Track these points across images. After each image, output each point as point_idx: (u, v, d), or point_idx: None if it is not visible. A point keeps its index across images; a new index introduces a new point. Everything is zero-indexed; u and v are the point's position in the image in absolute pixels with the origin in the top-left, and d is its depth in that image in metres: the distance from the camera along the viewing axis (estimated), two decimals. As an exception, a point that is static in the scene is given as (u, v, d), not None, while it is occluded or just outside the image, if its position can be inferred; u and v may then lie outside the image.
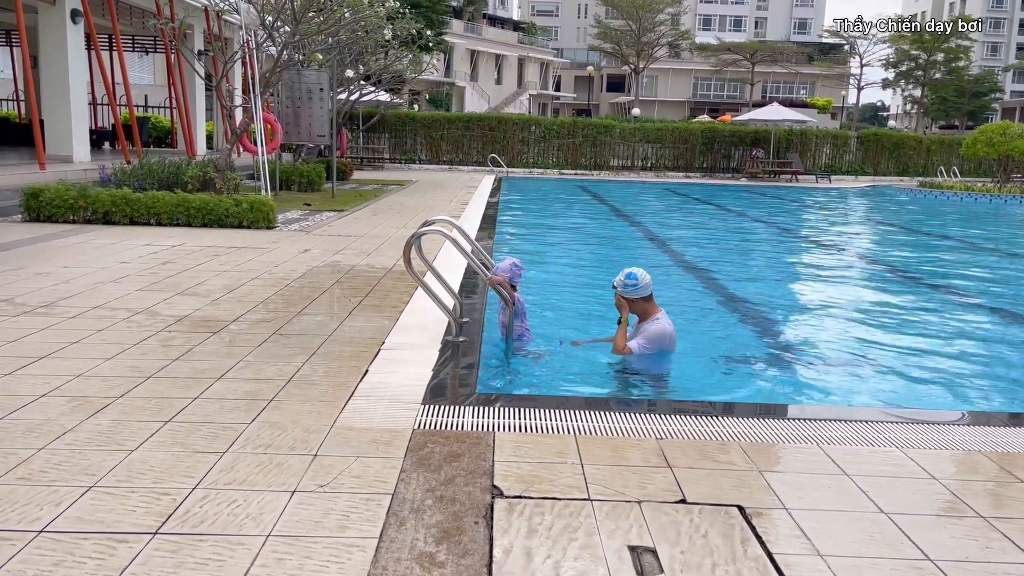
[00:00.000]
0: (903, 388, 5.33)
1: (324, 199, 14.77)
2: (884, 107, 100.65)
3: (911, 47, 59.42)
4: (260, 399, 3.83)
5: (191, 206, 10.14)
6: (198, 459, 3.12)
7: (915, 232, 16.18)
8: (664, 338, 5.18)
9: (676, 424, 3.73)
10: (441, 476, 3.06)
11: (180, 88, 19.07)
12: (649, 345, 5.13)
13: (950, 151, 33.91)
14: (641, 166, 31.50)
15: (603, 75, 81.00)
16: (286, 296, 6.25)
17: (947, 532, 2.79)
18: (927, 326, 7.25)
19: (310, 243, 9.21)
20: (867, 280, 9.98)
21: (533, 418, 3.72)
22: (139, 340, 4.79)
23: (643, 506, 2.88)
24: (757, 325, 7.03)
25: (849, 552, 2.61)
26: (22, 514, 2.64)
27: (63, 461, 3.06)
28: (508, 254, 10.21)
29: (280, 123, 15.33)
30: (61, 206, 10.00)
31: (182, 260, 7.67)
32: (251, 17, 14.06)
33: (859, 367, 5.80)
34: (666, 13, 63.88)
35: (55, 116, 15.49)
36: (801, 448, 3.51)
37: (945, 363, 5.99)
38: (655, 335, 5.14)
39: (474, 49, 64.02)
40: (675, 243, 12.43)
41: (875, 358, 6.05)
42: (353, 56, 18.17)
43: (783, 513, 2.87)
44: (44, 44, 15.46)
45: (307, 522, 2.66)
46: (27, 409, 3.58)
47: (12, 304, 5.61)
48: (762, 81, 72.03)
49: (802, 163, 31.32)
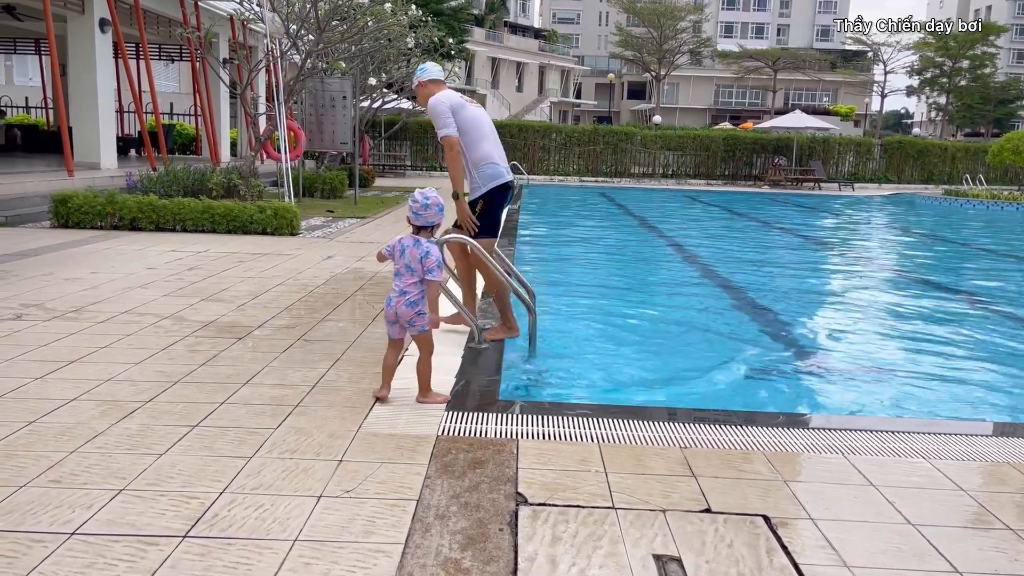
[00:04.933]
0: (929, 398, 5.28)
1: (347, 206, 14.87)
2: (908, 114, 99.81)
3: (936, 54, 58.88)
4: (285, 404, 3.86)
5: (216, 213, 10.25)
6: (225, 463, 3.15)
7: (941, 240, 16.03)
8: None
9: (700, 433, 3.72)
10: (465, 483, 3.07)
11: (205, 96, 19.29)
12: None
13: (976, 159, 33.58)
14: (662, 173, 31.43)
15: (624, 82, 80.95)
16: (310, 302, 6.30)
17: (975, 544, 2.77)
18: (953, 336, 7.17)
19: (333, 250, 9.28)
20: (892, 289, 9.90)
21: (556, 426, 3.73)
22: (166, 345, 4.85)
23: (668, 515, 2.87)
24: (781, 333, 6.99)
25: (876, 564, 2.60)
26: (54, 516, 2.68)
27: (94, 464, 3.11)
28: (535, 258, 10.23)
29: (303, 130, 15.47)
30: (89, 212, 10.14)
31: (207, 266, 7.76)
32: (276, 26, 14.20)
33: (884, 377, 5.75)
34: (688, 20, 63.68)
35: (83, 124, 15.71)
36: (826, 458, 3.49)
37: (972, 374, 5.93)
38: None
39: (495, 57, 64.26)
40: (699, 251, 12.39)
41: (900, 368, 6.00)
42: (376, 64, 18.30)
43: (809, 523, 2.86)
44: (73, 53, 15.69)
45: (333, 527, 2.68)
46: (58, 413, 3.64)
47: (43, 309, 5.69)
48: (784, 88, 71.66)
49: (825, 171, 31.12)
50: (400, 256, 3.97)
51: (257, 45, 21.45)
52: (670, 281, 9.75)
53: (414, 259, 3.93)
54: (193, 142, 26.40)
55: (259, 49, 20.79)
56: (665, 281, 9.77)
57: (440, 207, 4.00)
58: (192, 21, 17.30)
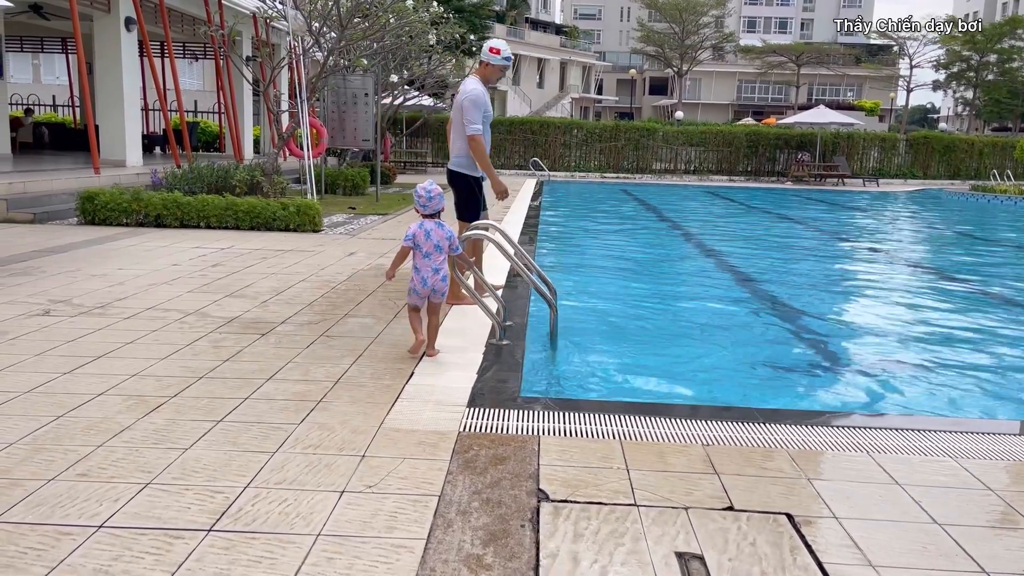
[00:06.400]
0: (955, 397, 5.22)
1: (368, 203, 14.94)
2: (935, 109, 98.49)
3: (962, 48, 58.05)
4: (309, 400, 3.89)
5: (239, 209, 10.33)
6: (249, 458, 3.18)
7: (968, 237, 15.82)
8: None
9: (722, 430, 3.70)
10: (487, 479, 3.08)
11: (228, 93, 19.45)
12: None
13: (1003, 154, 33.11)
14: (684, 169, 31.29)
15: (646, 78, 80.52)
16: (332, 299, 6.34)
17: (1002, 544, 2.73)
18: (979, 333, 7.08)
19: (355, 246, 9.33)
20: (919, 286, 9.79)
21: (578, 422, 3.72)
22: (191, 341, 4.90)
23: (690, 512, 2.86)
24: (805, 330, 6.93)
25: (901, 563, 2.57)
26: (82, 510, 2.72)
27: (120, 458, 3.14)
28: (550, 255, 10.22)
29: (326, 128, 15.55)
30: (115, 209, 10.27)
31: (231, 263, 7.82)
32: (298, 24, 14.27)
33: (910, 375, 5.69)
34: (710, 15, 63.30)
35: (109, 121, 15.89)
36: (851, 456, 3.46)
37: (999, 372, 5.85)
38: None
39: (516, 53, 64.15)
40: (723, 248, 12.32)
41: (927, 366, 5.93)
42: (397, 61, 18.35)
43: (833, 522, 2.84)
44: (99, 51, 15.87)
45: (356, 522, 2.70)
46: (85, 407, 3.69)
47: (70, 305, 5.77)
48: (808, 83, 70.96)
49: (849, 166, 30.82)
50: (426, 239, 4.59)
51: (280, 43, 21.58)
52: (693, 279, 9.70)
53: (442, 238, 4.61)
54: (217, 139, 26.63)
55: (282, 47, 20.91)
56: (688, 279, 9.73)
57: (440, 195, 4.65)
58: (216, 19, 17.40)
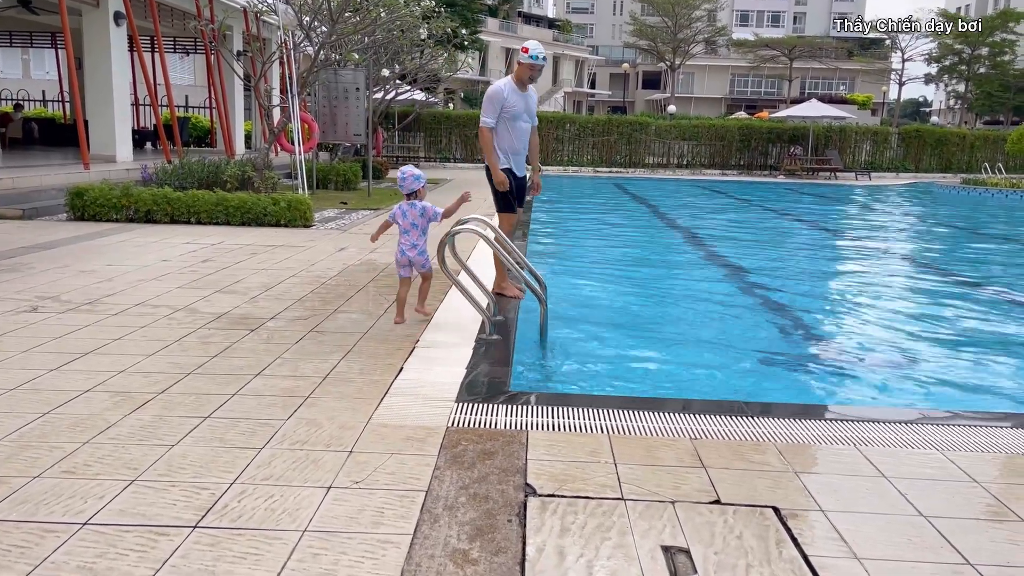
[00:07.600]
0: (943, 389, 5.24)
1: (360, 198, 14.90)
2: (926, 103, 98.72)
3: (954, 41, 58.15)
4: (297, 396, 3.88)
5: (230, 205, 10.29)
6: (236, 455, 3.17)
7: (958, 229, 15.87)
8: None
9: (710, 424, 3.70)
10: (474, 474, 3.08)
11: (219, 88, 19.36)
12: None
13: (995, 147, 33.20)
14: (677, 163, 31.29)
15: (639, 72, 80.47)
16: (322, 294, 6.33)
17: (988, 536, 2.74)
18: (968, 325, 7.11)
19: (346, 241, 9.30)
20: (907, 278, 9.81)
21: (566, 417, 3.72)
22: (179, 337, 4.89)
23: (677, 506, 2.87)
24: (793, 324, 6.95)
25: (887, 555, 2.58)
26: (67, 506, 2.71)
27: (106, 455, 3.13)
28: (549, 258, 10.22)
29: (317, 122, 15.50)
30: (105, 205, 10.21)
31: (221, 258, 7.80)
32: (289, 18, 14.23)
33: (898, 367, 5.71)
34: (702, 9, 63.23)
35: (99, 117, 15.82)
36: (838, 449, 3.47)
37: (987, 364, 5.88)
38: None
39: (509, 47, 64.02)
40: (713, 242, 12.33)
41: (914, 358, 5.95)
42: (389, 55, 18.30)
43: (819, 515, 2.85)
44: (88, 46, 15.80)
45: (342, 518, 2.69)
46: (72, 404, 3.67)
47: (58, 301, 5.74)
48: (800, 77, 71.01)
49: (841, 160, 30.87)
50: (403, 217, 5.34)
51: (271, 37, 21.50)
52: (684, 273, 9.71)
53: (416, 217, 5.32)
54: (208, 135, 26.53)
55: (273, 41, 20.84)
56: (679, 273, 9.74)
57: (416, 176, 5.33)
58: (206, 14, 17.33)
